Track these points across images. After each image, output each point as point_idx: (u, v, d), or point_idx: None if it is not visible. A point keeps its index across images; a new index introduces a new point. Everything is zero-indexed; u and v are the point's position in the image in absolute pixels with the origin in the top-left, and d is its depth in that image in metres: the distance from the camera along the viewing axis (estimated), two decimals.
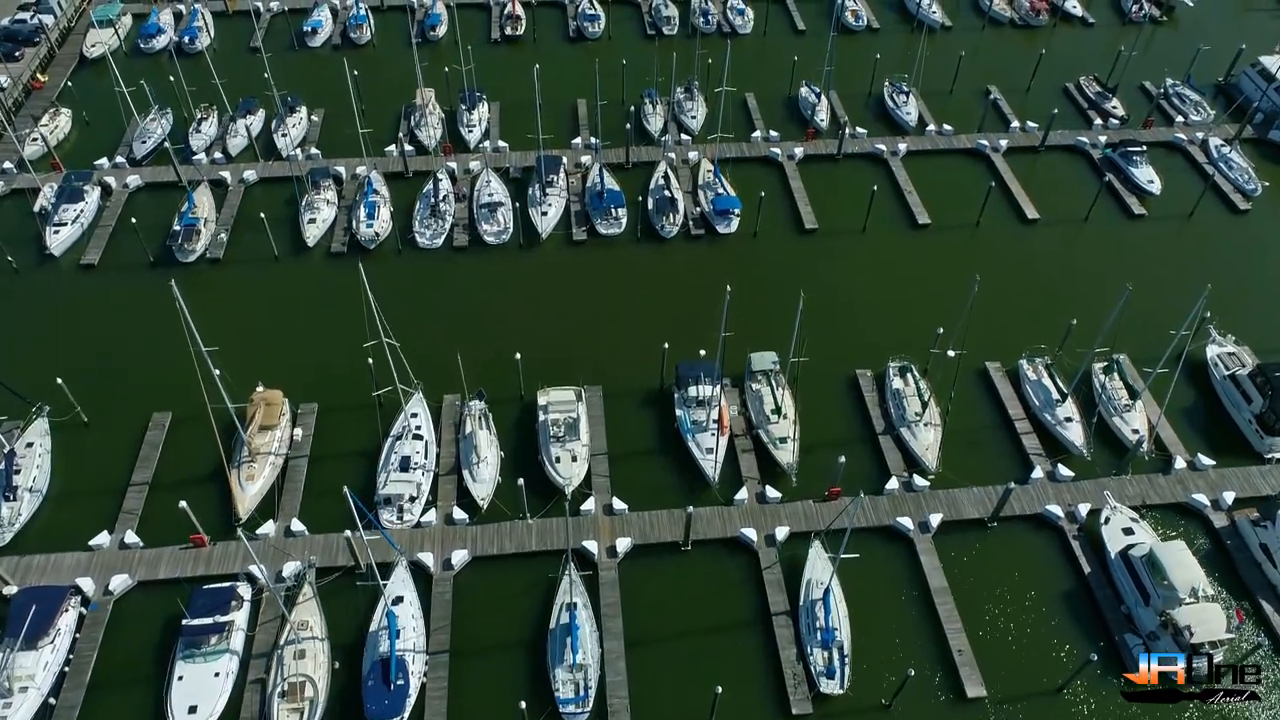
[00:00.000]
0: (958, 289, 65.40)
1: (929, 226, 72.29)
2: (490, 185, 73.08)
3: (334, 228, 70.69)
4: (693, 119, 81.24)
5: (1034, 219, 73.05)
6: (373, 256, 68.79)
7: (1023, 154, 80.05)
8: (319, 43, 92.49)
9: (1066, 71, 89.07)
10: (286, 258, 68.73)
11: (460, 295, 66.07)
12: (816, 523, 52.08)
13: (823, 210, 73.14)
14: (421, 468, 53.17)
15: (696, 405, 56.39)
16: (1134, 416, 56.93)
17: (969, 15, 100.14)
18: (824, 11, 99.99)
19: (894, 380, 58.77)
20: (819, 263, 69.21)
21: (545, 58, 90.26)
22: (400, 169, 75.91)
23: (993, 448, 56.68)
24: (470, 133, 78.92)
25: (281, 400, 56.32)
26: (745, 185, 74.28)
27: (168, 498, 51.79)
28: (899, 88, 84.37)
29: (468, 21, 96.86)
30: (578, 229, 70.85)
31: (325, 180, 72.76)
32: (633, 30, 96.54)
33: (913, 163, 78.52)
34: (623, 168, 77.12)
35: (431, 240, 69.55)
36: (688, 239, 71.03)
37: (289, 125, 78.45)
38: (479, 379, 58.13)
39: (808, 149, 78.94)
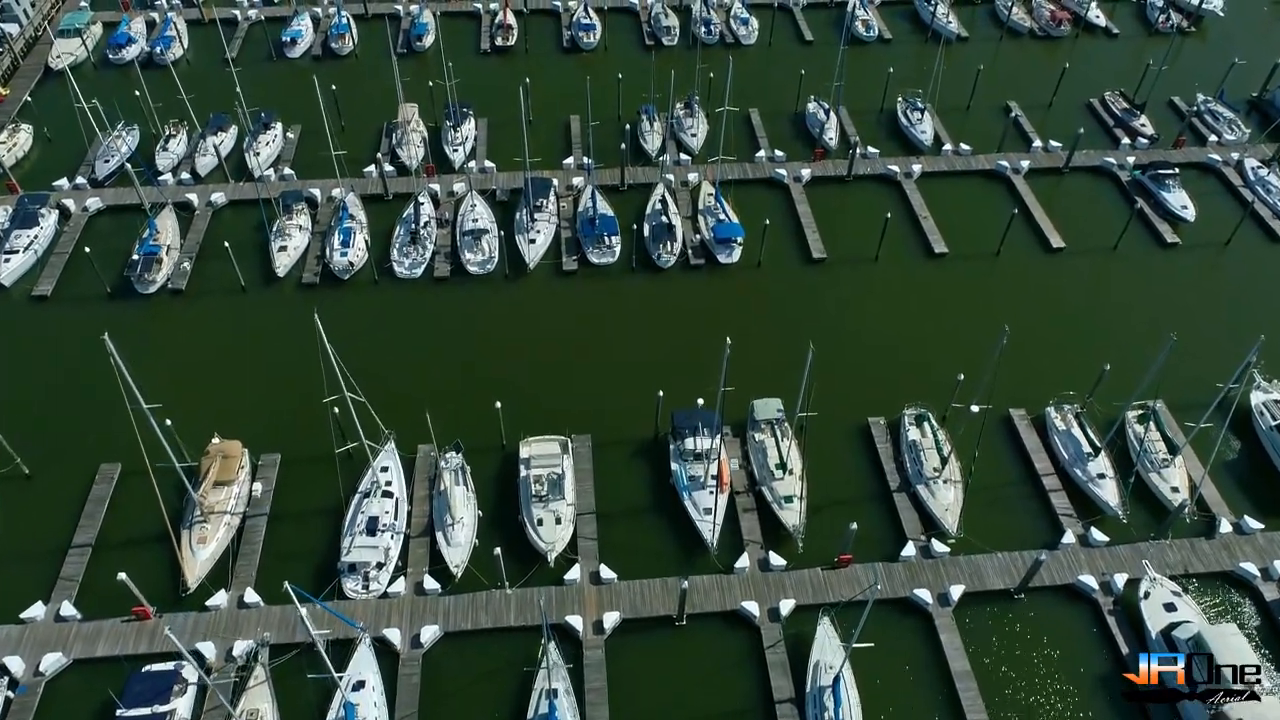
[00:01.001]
0: (978, 326, 61.50)
1: (946, 256, 67.74)
2: (475, 210, 68.68)
3: (306, 256, 66.30)
4: (693, 137, 76.80)
5: (1059, 248, 68.47)
6: (347, 288, 64.47)
7: (1045, 176, 75.50)
8: (298, 53, 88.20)
9: (1090, 86, 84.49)
10: (255, 289, 64.36)
11: (440, 331, 61.67)
12: (825, 594, 47.55)
13: (832, 237, 68.65)
14: (390, 529, 48.75)
15: (694, 459, 51.94)
16: (1173, 473, 52.35)
17: (986, 25, 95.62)
18: (833, 21, 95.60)
19: (910, 430, 54.24)
20: (827, 296, 64.72)
21: (537, 70, 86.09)
22: (379, 191, 71.54)
23: (1018, 507, 52.12)
24: (455, 152, 74.55)
25: (240, 452, 51.95)
26: (748, 210, 69.81)
27: (111, 562, 47.56)
28: (913, 103, 79.87)
29: (456, 31, 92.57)
30: (568, 258, 66.41)
31: (298, 204, 68.43)
32: (630, 40, 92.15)
33: (928, 185, 73.99)
34: (617, 190, 72.70)
35: (411, 270, 65.16)
36: (686, 269, 66.55)
37: (261, 143, 74.16)
38: (458, 426, 53.88)
39: (815, 170, 74.46)
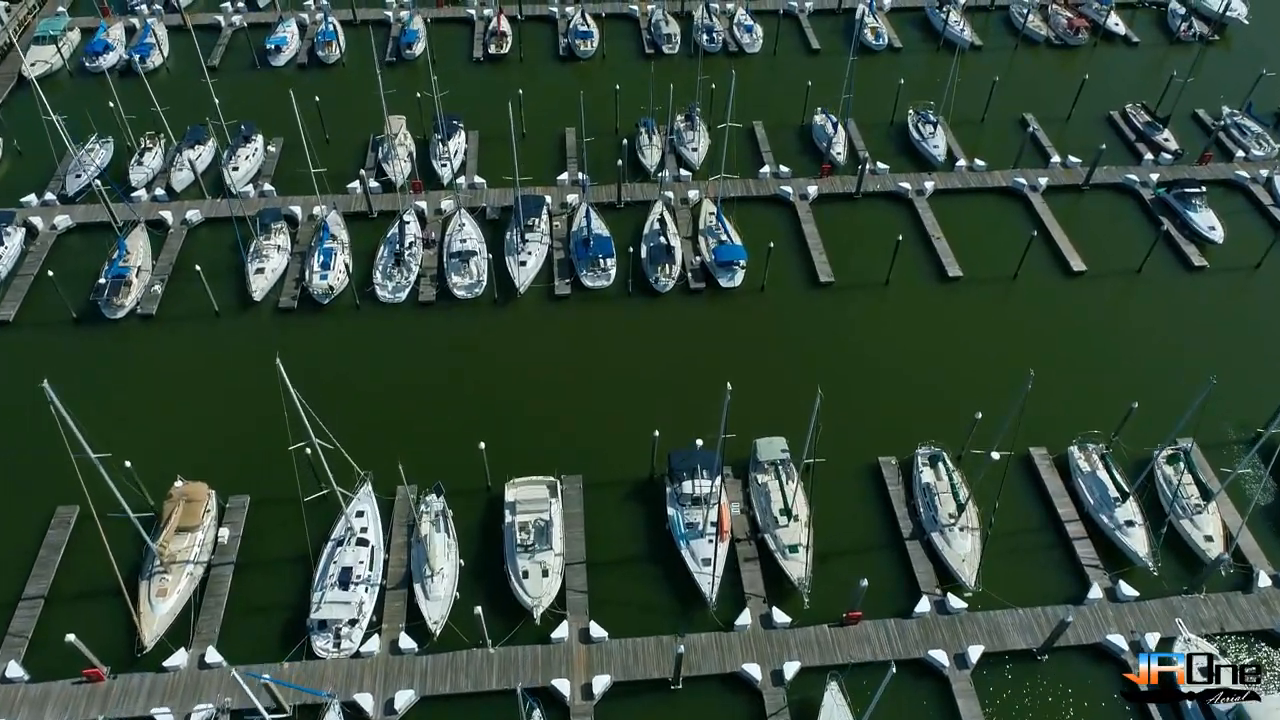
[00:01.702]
0: (995, 357, 58.47)
1: (961, 280, 64.42)
2: (463, 229, 65.48)
3: (285, 278, 63.12)
4: (694, 151, 73.55)
5: (1080, 271, 65.13)
6: (326, 313, 61.30)
7: (1064, 193, 72.18)
8: (283, 61, 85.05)
9: (1110, 98, 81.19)
10: (229, 314, 61.20)
11: (423, 360, 58.47)
12: (833, 655, 44.26)
13: (840, 259, 65.38)
14: (365, 582, 45.53)
15: (692, 504, 48.70)
16: (1206, 520, 49.01)
17: (1000, 33, 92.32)
18: (840, 28, 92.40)
19: (923, 472, 50.96)
20: (835, 323, 61.44)
21: (532, 79, 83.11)
22: (364, 208, 68.37)
23: (1040, 557, 48.82)
24: (444, 166, 71.36)
25: (205, 495, 48.77)
26: (752, 229, 66.57)
27: (64, 616, 44.68)
28: (925, 116, 76.57)
29: (448, 38, 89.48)
30: (560, 281, 63.17)
31: (277, 223, 65.23)
32: (629, 49, 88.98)
33: (941, 203, 70.72)
34: (614, 207, 69.49)
35: (394, 294, 61.98)
36: (685, 293, 63.29)
37: (240, 157, 71.04)
38: (440, 464, 50.97)
39: (823, 187, 71.19)
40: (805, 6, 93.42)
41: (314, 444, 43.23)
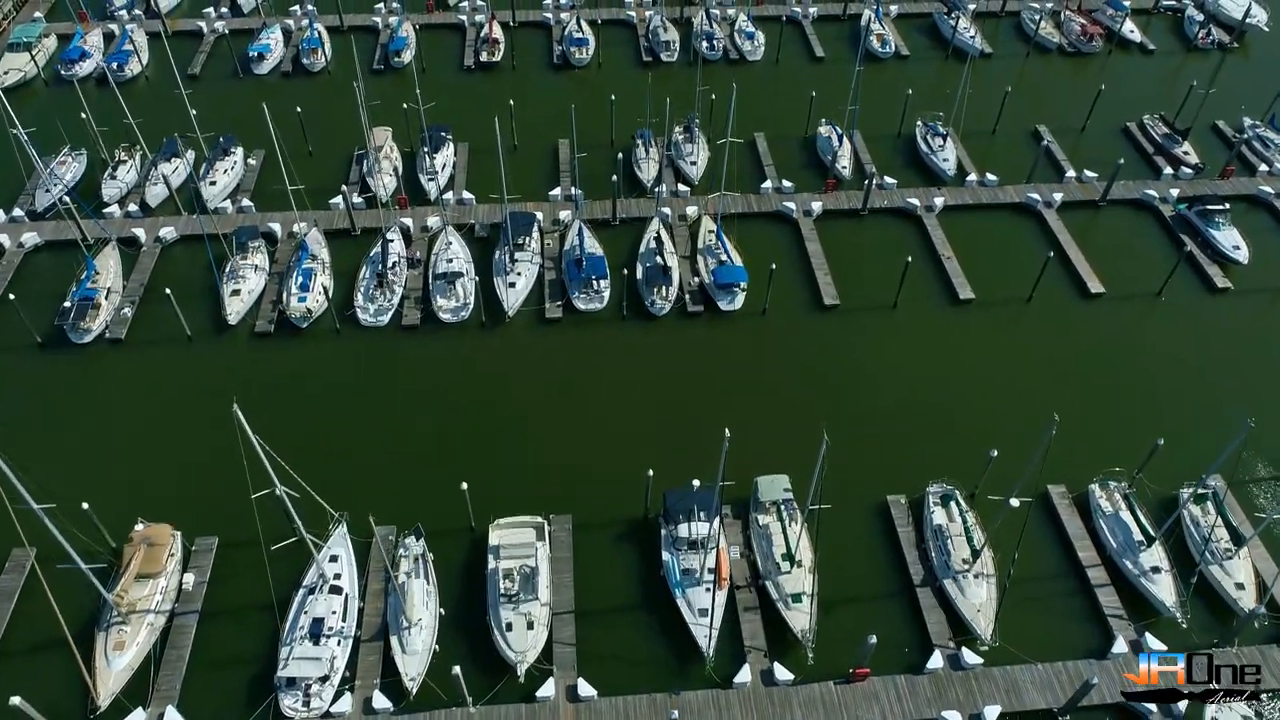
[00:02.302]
0: (1010, 386, 55.84)
1: (973, 302, 61.55)
2: (450, 248, 62.69)
3: (262, 300, 60.32)
4: (692, 165, 70.73)
5: (1098, 293, 62.24)
6: (305, 338, 58.50)
7: (1080, 209, 69.32)
8: (266, 70, 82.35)
9: (1126, 108, 78.35)
10: (202, 338, 58.42)
11: (406, 389, 55.66)
12: (839, 715, 41.43)
13: (845, 281, 62.52)
14: (338, 634, 42.69)
15: (688, 548, 45.83)
16: (1238, 566, 46.11)
17: (1011, 40, 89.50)
18: (845, 34, 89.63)
19: (935, 512, 48.11)
20: (841, 349, 58.59)
21: (525, 89, 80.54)
22: (346, 225, 65.59)
23: (1060, 606, 45.91)
24: (431, 181, 68.56)
25: (169, 539, 45.93)
26: (753, 248, 63.77)
27: (15, 671, 41.77)
28: (934, 128, 73.74)
29: (438, 45, 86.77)
30: (551, 304, 60.33)
31: (254, 241, 62.48)
32: (626, 56, 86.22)
33: (951, 220, 67.87)
34: (608, 224, 66.68)
35: (376, 317, 59.16)
36: (683, 317, 60.43)
37: (218, 171, 68.28)
38: (421, 502, 48.38)
39: (827, 202, 68.37)
40: (809, 12, 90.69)
41: (280, 491, 40.24)
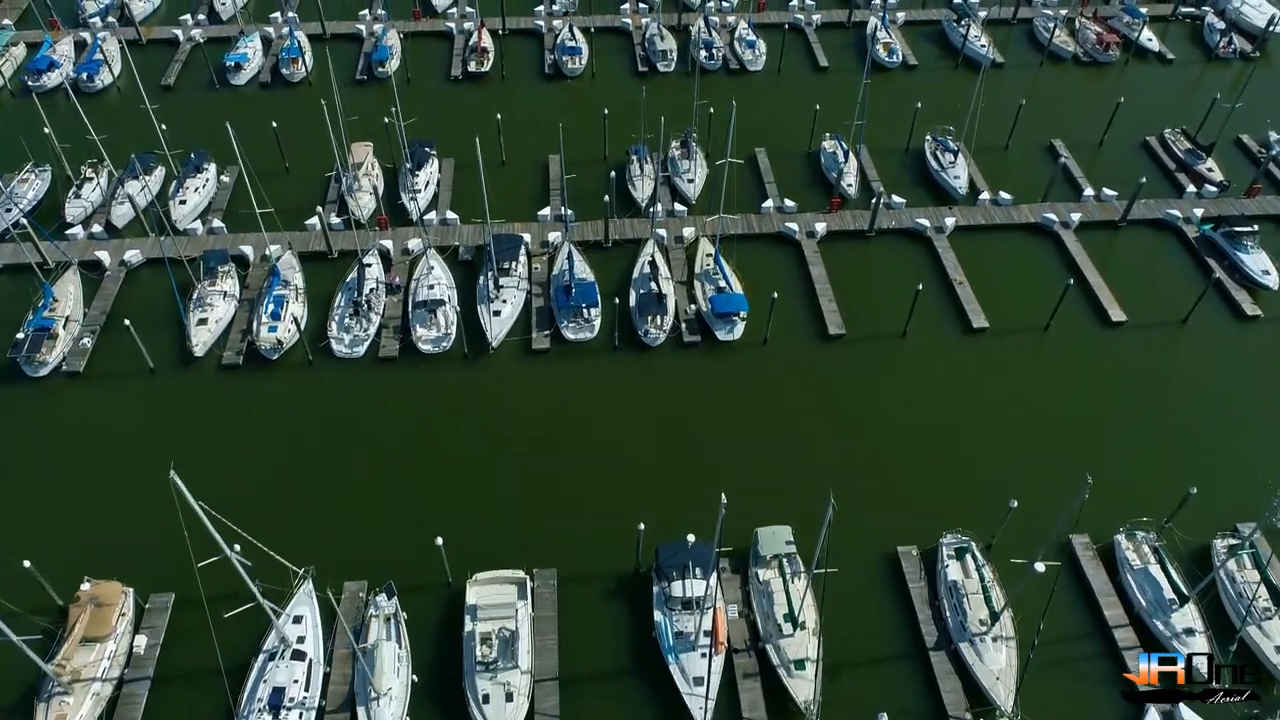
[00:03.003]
0: (1027, 423, 52.78)
1: (987, 331, 58.25)
2: (432, 273, 59.45)
3: (231, 330, 57.06)
4: (689, 182, 67.47)
5: (1119, 321, 58.93)
6: (275, 370, 55.23)
7: (1099, 231, 66.02)
8: (244, 80, 79.11)
9: (1146, 121, 75.09)
10: (166, 371, 55.14)
11: (381, 426, 52.37)
12: None
13: (851, 308, 59.24)
14: (299, 705, 39.43)
15: (682, 608, 42.57)
16: (1277, 628, 42.77)
17: (1023, 49, 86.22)
18: (850, 42, 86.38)
19: (949, 566, 44.82)
20: (847, 383, 55.27)
21: (514, 100, 77.42)
22: (322, 248, 62.34)
23: (1085, 670, 42.57)
24: (413, 200, 65.27)
25: (119, 596, 42.65)
26: (753, 272, 60.57)
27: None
28: (944, 143, 70.47)
29: (424, 54, 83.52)
30: (539, 334, 57.05)
31: (224, 265, 59.26)
32: (621, 65, 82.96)
33: (963, 241, 64.56)
34: (600, 246, 63.42)
35: (352, 348, 55.90)
36: (678, 348, 57.13)
37: (188, 189, 65.09)
38: (395, 554, 45.28)
39: (832, 223, 65.11)
40: (813, 20, 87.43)
41: (232, 556, 36.96)
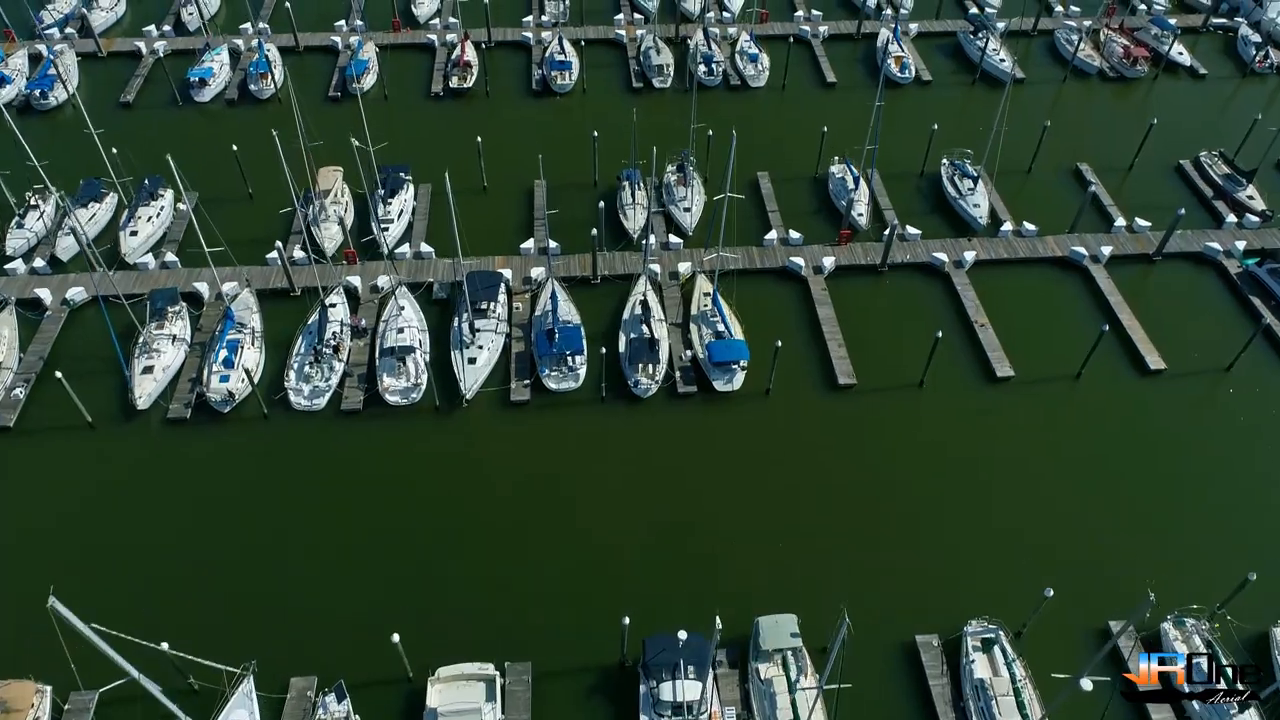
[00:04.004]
0: (1060, 489, 47.83)
1: (1012, 381, 53.38)
2: (402, 314, 54.67)
3: (179, 378, 52.30)
4: (686, 211, 62.67)
5: (1158, 369, 54.02)
6: (226, 425, 50.42)
7: (1132, 265, 61.16)
8: (208, 96, 74.31)
9: (1178, 142, 70.20)
10: (106, 425, 50.36)
11: (339, 493, 47.48)
12: None
13: (863, 353, 54.39)
14: None
15: (672, 714, 37.71)
16: None
17: (1044, 63, 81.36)
18: (859, 56, 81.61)
19: (974, 661, 39.94)
20: (859, 439, 50.41)
21: (499, 119, 72.90)
22: (284, 284, 57.58)
23: None
24: (385, 230, 60.52)
25: (32, 697, 37.85)
26: (755, 313, 55.90)
27: None
28: (962, 168, 65.64)
29: (404, 69, 78.71)
30: (518, 383, 52.24)
31: (174, 306, 54.53)
32: (614, 80, 78.18)
33: (984, 277, 59.73)
34: (588, 283, 58.61)
35: (311, 400, 51.10)
36: (672, 399, 52.28)
37: (141, 219, 60.40)
38: (351, 642, 40.45)
39: (841, 257, 60.27)
40: (819, 31, 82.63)
41: (139, 676, 32.19)
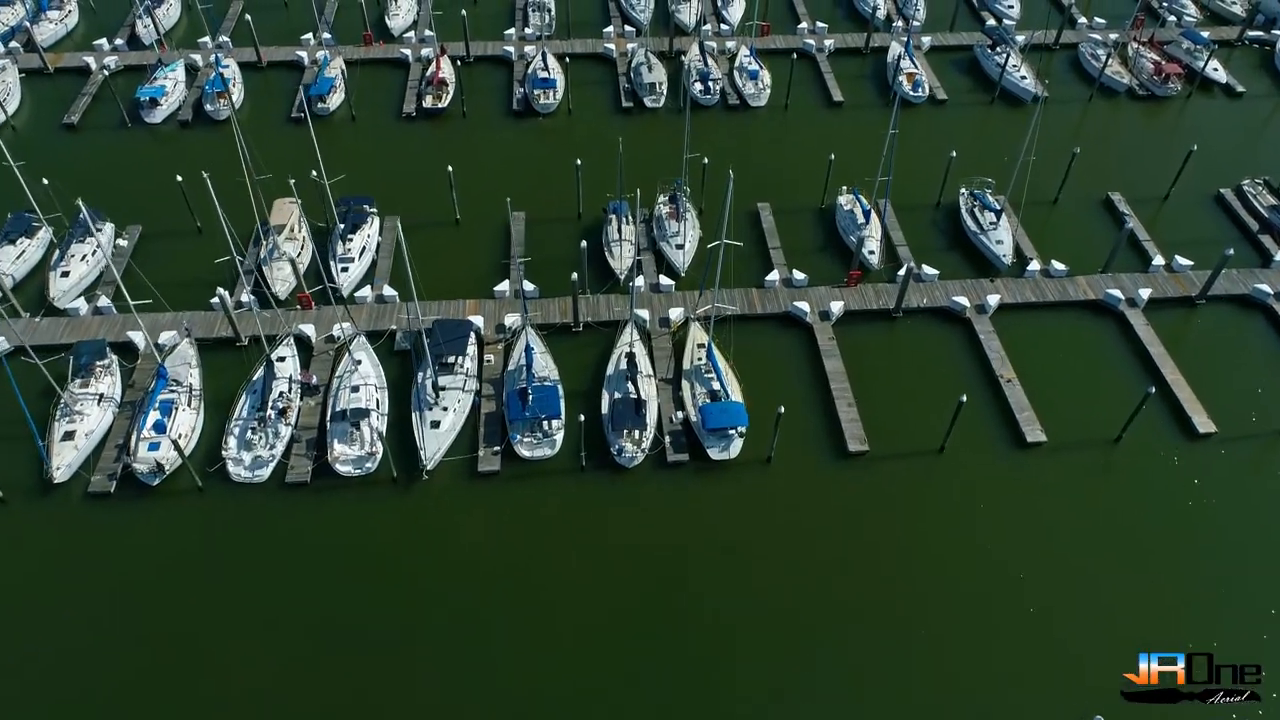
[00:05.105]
0: (1101, 582, 42.03)
1: (1044, 447, 47.77)
2: (359, 369, 49.08)
3: (104, 445, 46.67)
4: (679, 249, 57.13)
5: (1208, 433, 48.43)
6: (156, 500, 44.76)
7: (1172, 309, 55.60)
8: (160, 117, 68.65)
9: (1217, 167, 64.64)
10: (20, 500, 44.72)
11: (280, 579, 41.90)
12: None
13: (876, 413, 48.75)
14: None
15: None
16: None
17: (1069, 80, 75.77)
18: (868, 73, 76.14)
19: None
20: (872, 515, 44.81)
21: (475, 144, 67.53)
22: (229, 333, 52.01)
23: None
24: (344, 271, 55.02)
25: None
26: (755, 367, 50.50)
27: None
28: (983, 199, 60.11)
29: (375, 86, 73.11)
30: (487, 450, 46.63)
31: (102, 360, 48.98)
32: (602, 99, 72.58)
33: (1009, 323, 54.12)
34: (569, 331, 53.07)
35: (253, 471, 45.48)
36: (661, 467, 46.60)
37: (74, 258, 54.94)
38: None
39: (850, 300, 54.72)
40: (825, 45, 77.09)
41: None
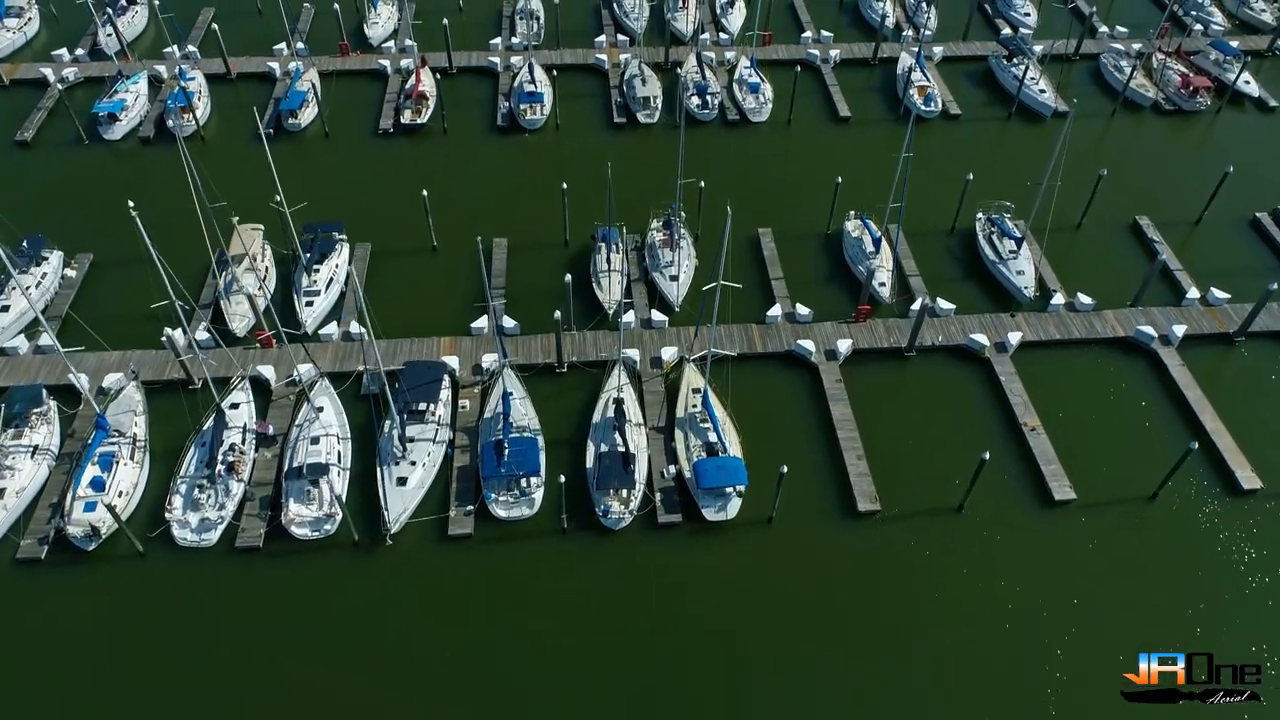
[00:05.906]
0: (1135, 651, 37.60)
1: (1073, 505, 43.63)
2: (320, 418, 44.95)
3: (38, 503, 42.60)
4: (672, 280, 53.05)
5: (1252, 489, 44.29)
6: (92, 566, 40.68)
7: (1209, 346, 51.54)
8: (120, 134, 64.56)
9: (1253, 188, 60.68)
10: None
11: (229, 657, 37.84)
12: None
13: (888, 467, 44.66)
14: None
15: None
16: None
17: (1090, 93, 71.65)
18: (877, 85, 72.09)
19: None
20: (884, 583, 40.75)
21: (456, 163, 63.47)
22: (180, 375, 47.94)
23: None
24: (310, 305, 50.98)
25: None
26: (755, 412, 46.56)
27: None
28: (1001, 225, 56.05)
29: (351, 99, 69.04)
30: (458, 510, 42.50)
31: (39, 407, 44.95)
32: (592, 114, 68.54)
33: (1032, 362, 50.09)
34: (553, 371, 49.00)
35: (200, 534, 41.37)
36: (651, 528, 42.50)
37: (14, 291, 50.85)
38: None
39: (859, 338, 50.64)
40: (830, 56, 73.02)
41: None
